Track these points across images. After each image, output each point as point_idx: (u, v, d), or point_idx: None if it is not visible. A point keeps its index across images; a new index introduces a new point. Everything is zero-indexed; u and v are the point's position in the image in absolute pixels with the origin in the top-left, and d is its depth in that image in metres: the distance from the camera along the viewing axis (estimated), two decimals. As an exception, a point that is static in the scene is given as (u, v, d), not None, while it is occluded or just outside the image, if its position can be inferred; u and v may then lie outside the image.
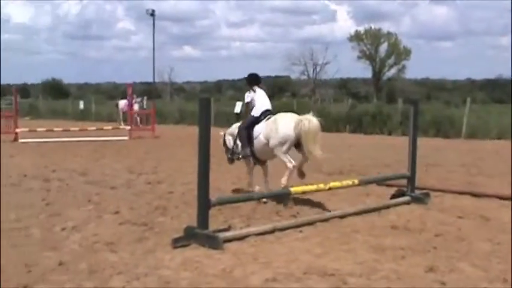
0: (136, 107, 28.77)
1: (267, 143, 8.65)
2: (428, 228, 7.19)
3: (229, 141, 9.66)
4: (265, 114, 9.10)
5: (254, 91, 9.44)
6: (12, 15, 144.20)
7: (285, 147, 8.48)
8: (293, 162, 8.52)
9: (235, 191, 9.93)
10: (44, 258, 5.87)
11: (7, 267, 5.52)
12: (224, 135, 9.85)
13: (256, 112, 9.16)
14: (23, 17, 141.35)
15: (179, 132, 25.20)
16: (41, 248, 6.28)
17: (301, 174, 8.75)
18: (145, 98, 31.75)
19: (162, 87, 78.59)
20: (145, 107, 30.30)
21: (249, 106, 9.49)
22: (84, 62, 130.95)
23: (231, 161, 9.72)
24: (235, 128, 9.56)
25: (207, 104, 6.54)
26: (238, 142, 9.30)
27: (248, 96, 9.51)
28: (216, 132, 8.94)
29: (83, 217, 7.79)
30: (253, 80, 9.64)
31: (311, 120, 8.27)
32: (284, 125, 8.48)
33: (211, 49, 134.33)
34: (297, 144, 8.47)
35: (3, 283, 5.11)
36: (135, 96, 30.51)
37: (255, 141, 8.96)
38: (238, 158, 9.43)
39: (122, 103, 29.66)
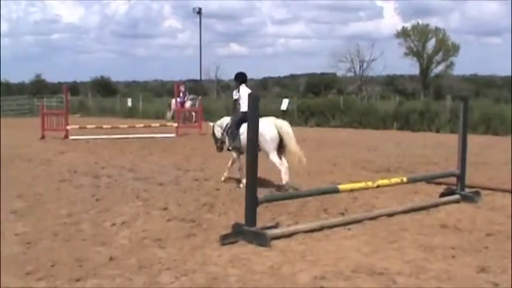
0: (188, 104, 28.74)
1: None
2: (479, 227, 7.04)
3: (218, 132, 10.87)
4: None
5: (238, 90, 10.15)
6: (62, 15, 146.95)
7: (272, 147, 9.36)
8: (279, 160, 9.43)
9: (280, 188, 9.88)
10: (94, 253, 5.97)
11: (60, 262, 5.63)
12: (213, 126, 11.09)
13: (244, 108, 9.70)
14: (73, 17, 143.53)
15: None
16: (91, 243, 6.39)
17: None
18: (199, 97, 31.32)
19: (209, 84, 78.97)
20: (198, 106, 30.04)
21: (236, 103, 10.25)
22: (131, 60, 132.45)
23: (220, 149, 11.07)
24: (224, 120, 10.74)
25: (256, 101, 6.51)
26: (226, 134, 10.41)
27: (236, 94, 10.25)
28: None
29: (131, 213, 7.89)
30: (240, 79, 10.31)
31: (285, 124, 9.52)
32: (267, 128, 9.29)
33: (257, 46, 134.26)
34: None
35: (57, 276, 5.21)
36: (187, 93, 30.36)
37: (241, 137, 9.74)
38: (228, 149, 10.48)
39: (174, 102, 29.69)
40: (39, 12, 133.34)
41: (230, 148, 10.32)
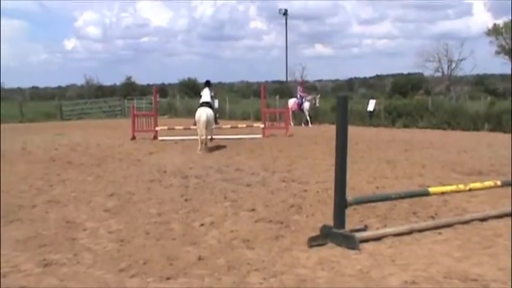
0: (306, 105, 28.71)
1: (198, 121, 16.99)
2: None
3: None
4: (202, 104, 17.50)
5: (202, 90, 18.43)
6: (151, 19, 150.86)
7: (202, 125, 16.81)
8: (203, 135, 16.84)
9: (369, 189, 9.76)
10: (184, 252, 6.08)
11: (151, 260, 5.77)
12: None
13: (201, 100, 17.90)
14: (162, 21, 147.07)
15: (312, 131, 25.19)
16: (181, 242, 6.50)
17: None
18: (318, 95, 31.08)
19: (294, 85, 79.01)
20: (317, 105, 29.99)
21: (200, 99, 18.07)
22: (217, 62, 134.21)
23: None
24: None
25: (345, 102, 6.45)
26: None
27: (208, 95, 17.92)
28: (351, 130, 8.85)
29: (220, 213, 7.98)
30: (205, 84, 18.72)
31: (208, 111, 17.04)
32: (201, 114, 16.89)
33: (342, 47, 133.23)
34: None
35: (149, 274, 5.35)
36: (306, 93, 30.35)
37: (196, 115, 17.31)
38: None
39: (291, 102, 29.51)
40: (130, 17, 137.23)
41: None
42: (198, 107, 17.51)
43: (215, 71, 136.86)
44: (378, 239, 6.42)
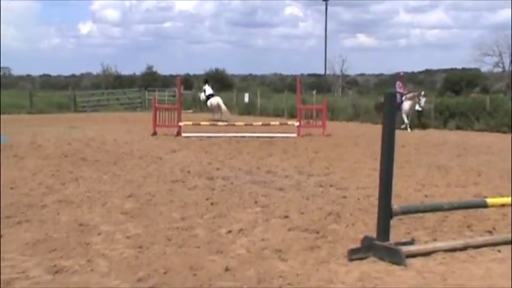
0: (406, 105, 26.12)
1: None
2: None
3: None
4: (210, 95, 30.70)
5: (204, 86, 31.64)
6: (176, 2, 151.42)
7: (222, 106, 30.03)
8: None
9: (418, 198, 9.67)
10: (209, 262, 6.08)
11: (173, 269, 5.79)
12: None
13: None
14: (187, 4, 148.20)
15: (352, 130, 25.08)
16: (206, 250, 6.51)
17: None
18: (422, 93, 27.68)
19: (333, 79, 78.87)
20: (422, 104, 26.98)
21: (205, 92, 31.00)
22: (248, 52, 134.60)
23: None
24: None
25: (393, 100, 6.40)
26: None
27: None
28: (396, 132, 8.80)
29: (249, 220, 7.98)
30: (205, 82, 32.85)
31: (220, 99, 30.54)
32: (217, 100, 30.22)
33: (388, 37, 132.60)
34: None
35: (170, 284, 5.35)
36: (406, 90, 27.60)
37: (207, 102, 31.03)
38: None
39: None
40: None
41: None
42: (206, 97, 30.92)
43: (245, 62, 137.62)
44: (426, 254, 6.34)
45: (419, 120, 27.68)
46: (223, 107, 30.38)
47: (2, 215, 7.93)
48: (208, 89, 31.17)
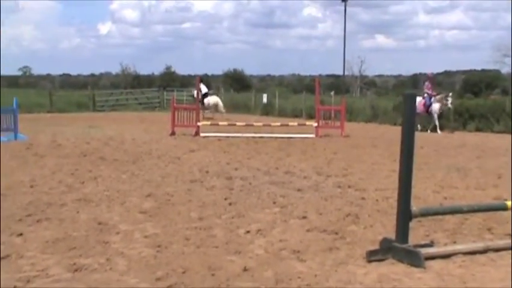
0: (436, 106, 25.70)
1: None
2: None
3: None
4: (207, 94, 32.36)
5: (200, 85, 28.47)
6: (194, 3, 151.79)
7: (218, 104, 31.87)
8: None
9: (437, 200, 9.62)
10: (227, 262, 6.08)
11: (191, 269, 5.80)
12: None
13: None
14: (205, 4, 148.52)
15: (370, 131, 25.01)
16: (224, 250, 6.51)
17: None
18: (450, 94, 27.03)
19: (351, 80, 78.63)
20: (450, 105, 26.19)
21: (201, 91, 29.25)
22: (266, 52, 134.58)
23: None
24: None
25: (412, 101, 6.37)
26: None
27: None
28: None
29: (267, 220, 7.97)
30: (200, 80, 27.65)
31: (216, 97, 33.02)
32: (214, 98, 32.67)
33: (407, 38, 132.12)
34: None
35: (188, 284, 5.36)
36: (436, 91, 26.83)
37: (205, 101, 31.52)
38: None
39: (417, 101, 28.03)
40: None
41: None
42: (203, 96, 31.19)
43: (263, 62, 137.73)
44: (446, 256, 6.30)
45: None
46: (220, 105, 32.73)
47: (22, 214, 8.00)
48: (204, 88, 32.18)
